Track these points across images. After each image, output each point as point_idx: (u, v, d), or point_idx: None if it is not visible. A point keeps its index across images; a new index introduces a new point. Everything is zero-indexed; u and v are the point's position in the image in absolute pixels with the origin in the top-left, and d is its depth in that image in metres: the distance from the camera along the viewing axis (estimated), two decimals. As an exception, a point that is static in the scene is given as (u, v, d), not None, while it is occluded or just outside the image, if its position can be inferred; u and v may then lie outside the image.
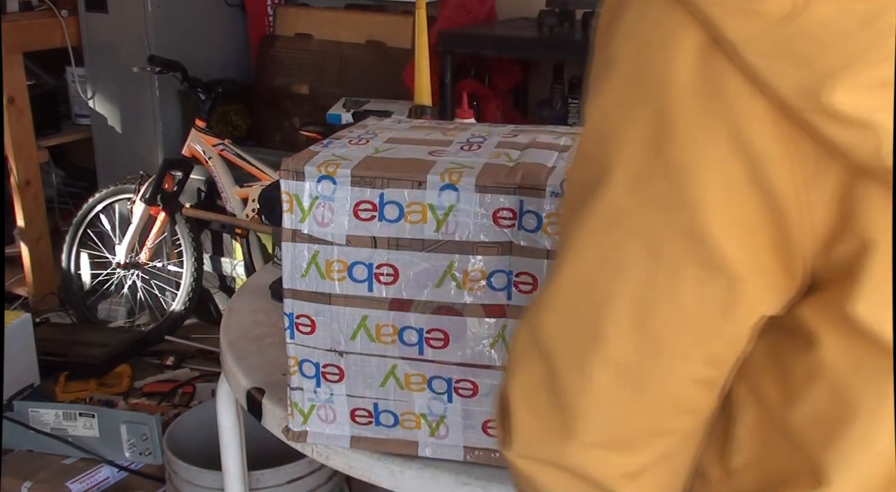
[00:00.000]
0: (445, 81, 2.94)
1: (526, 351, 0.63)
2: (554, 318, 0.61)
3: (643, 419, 0.61)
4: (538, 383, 0.62)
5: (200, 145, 3.35)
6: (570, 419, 0.61)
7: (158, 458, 2.41)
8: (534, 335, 0.62)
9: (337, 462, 1.16)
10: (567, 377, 0.61)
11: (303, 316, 1.09)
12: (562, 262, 0.61)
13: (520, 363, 0.63)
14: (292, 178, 1.06)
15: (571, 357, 0.60)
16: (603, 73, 0.59)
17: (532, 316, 0.63)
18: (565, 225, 0.62)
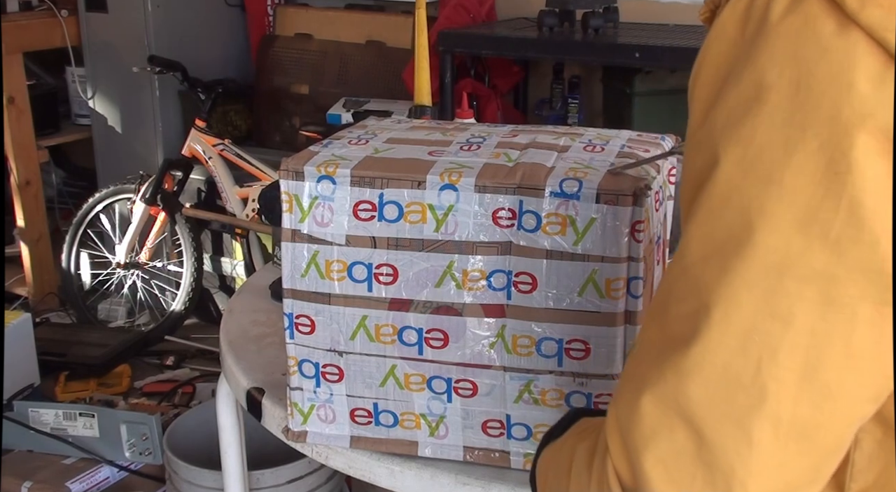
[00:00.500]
0: (445, 81, 2.94)
1: (663, 422, 0.58)
2: (701, 383, 0.57)
3: (805, 470, 0.58)
4: (684, 454, 0.57)
5: (200, 145, 3.35)
6: (728, 486, 0.57)
7: (158, 458, 2.41)
8: (674, 404, 0.58)
9: (337, 462, 1.17)
10: (722, 443, 0.56)
11: (302, 316, 1.09)
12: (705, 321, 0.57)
13: (655, 437, 0.58)
14: (292, 178, 1.06)
15: (727, 421, 0.56)
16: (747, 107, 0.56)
17: (666, 385, 0.58)
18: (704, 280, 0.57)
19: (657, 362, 0.59)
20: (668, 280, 0.62)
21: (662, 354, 0.59)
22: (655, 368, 0.59)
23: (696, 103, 0.61)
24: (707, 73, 0.60)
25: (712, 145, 0.58)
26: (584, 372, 1.04)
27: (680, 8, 3.09)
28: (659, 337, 0.60)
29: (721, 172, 0.57)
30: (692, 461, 0.57)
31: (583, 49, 2.85)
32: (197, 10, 3.74)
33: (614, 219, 0.98)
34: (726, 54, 0.59)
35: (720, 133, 0.57)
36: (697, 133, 0.60)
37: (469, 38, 3.00)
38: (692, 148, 0.61)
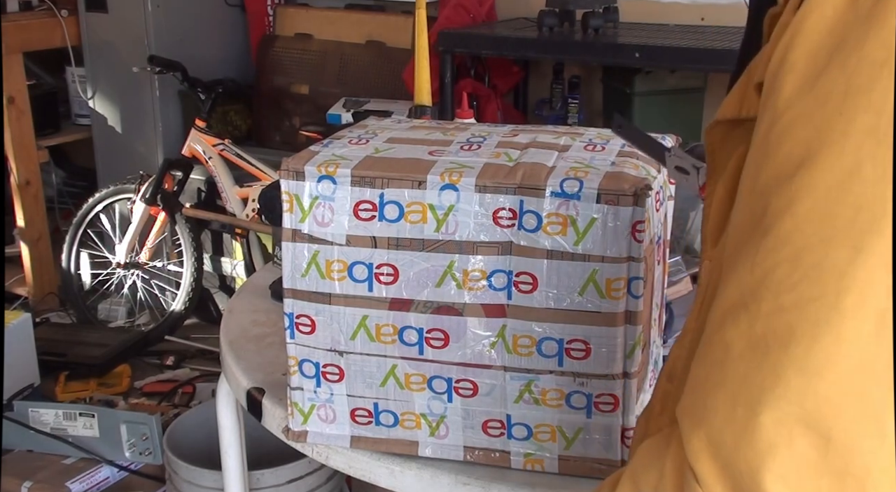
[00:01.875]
0: (445, 81, 2.94)
1: (781, 433, 0.52)
2: (834, 380, 0.51)
3: None
4: (807, 465, 0.52)
5: (200, 145, 3.35)
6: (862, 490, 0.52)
7: (158, 458, 2.41)
8: (798, 410, 0.52)
9: (337, 462, 1.17)
10: (855, 444, 0.51)
11: (303, 316, 1.09)
12: (836, 310, 0.52)
13: (773, 451, 0.52)
14: (292, 178, 1.06)
15: (862, 419, 0.51)
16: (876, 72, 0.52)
17: (791, 389, 0.52)
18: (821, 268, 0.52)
19: (764, 366, 0.53)
20: (753, 273, 0.55)
21: (769, 356, 0.53)
22: (766, 373, 0.53)
23: (790, 76, 0.56)
24: (807, 44, 0.56)
25: (826, 116, 0.53)
26: (585, 372, 1.04)
27: (680, 8, 3.09)
28: (755, 338, 0.54)
29: (845, 144, 0.52)
30: (817, 472, 0.52)
31: (583, 49, 2.85)
32: (197, 10, 3.74)
33: (615, 219, 0.98)
34: (833, 22, 0.55)
35: (840, 101, 0.53)
36: (797, 107, 0.55)
37: (469, 38, 3.00)
38: (784, 127, 0.55)
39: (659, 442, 0.62)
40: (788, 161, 0.54)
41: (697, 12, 3.04)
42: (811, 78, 0.55)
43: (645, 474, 0.61)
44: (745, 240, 0.57)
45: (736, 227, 0.59)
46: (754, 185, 0.57)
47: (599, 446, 1.07)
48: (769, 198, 0.55)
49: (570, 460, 1.08)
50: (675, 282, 1.39)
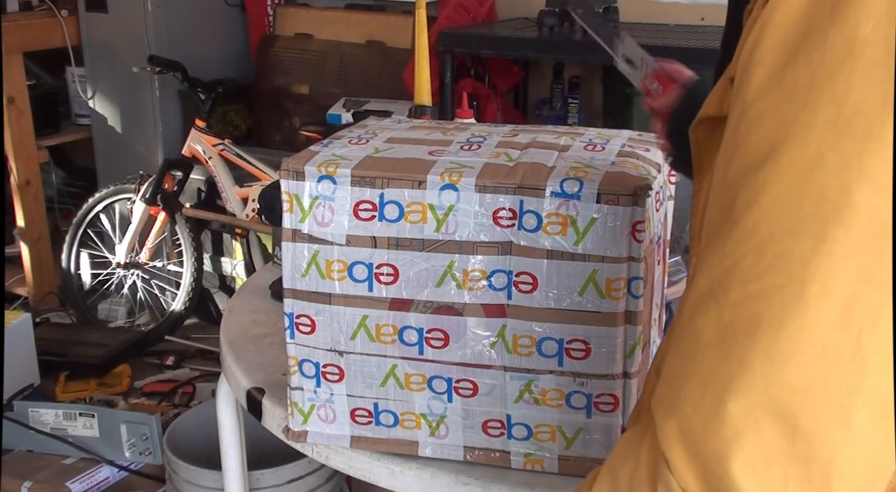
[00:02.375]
0: (445, 81, 2.94)
1: (748, 422, 0.52)
2: (798, 367, 0.52)
3: (889, 454, 0.54)
4: (775, 453, 0.52)
5: (200, 145, 3.35)
6: (827, 478, 0.52)
7: (158, 458, 2.41)
8: (764, 398, 0.52)
9: (337, 462, 1.17)
10: (821, 431, 0.52)
11: (303, 316, 1.09)
12: (800, 298, 0.52)
13: (740, 439, 0.52)
14: (292, 178, 1.06)
15: (826, 406, 0.52)
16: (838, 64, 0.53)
17: (756, 377, 0.53)
18: (785, 258, 0.53)
19: (732, 355, 0.54)
20: (722, 264, 0.56)
21: (736, 345, 0.54)
22: (732, 361, 0.54)
23: (758, 69, 0.56)
24: (774, 38, 0.56)
25: (792, 108, 0.54)
26: (585, 372, 1.04)
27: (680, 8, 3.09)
28: (722, 327, 0.55)
29: (809, 136, 0.53)
30: (784, 459, 0.52)
31: (583, 49, 2.85)
32: (197, 10, 3.74)
33: (615, 219, 0.98)
34: (798, 16, 0.55)
35: (804, 94, 0.54)
36: (764, 100, 0.56)
37: (469, 38, 3.00)
38: (752, 119, 0.56)
39: (636, 434, 0.63)
40: (756, 153, 0.55)
41: (697, 12, 3.04)
42: (778, 71, 0.55)
43: (622, 465, 0.62)
44: (715, 232, 0.58)
45: (709, 219, 0.60)
46: (725, 177, 0.58)
47: (599, 446, 1.07)
48: (738, 190, 0.56)
49: (570, 460, 1.08)
50: (675, 282, 1.39)
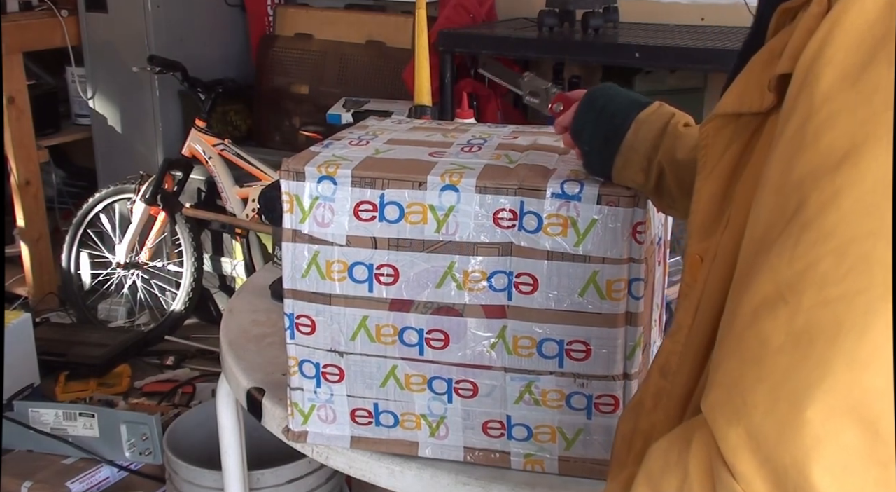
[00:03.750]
0: (445, 81, 2.94)
1: (829, 426, 0.52)
2: (881, 370, 0.51)
3: None
4: (855, 457, 0.52)
5: (200, 145, 3.35)
6: None
7: (158, 458, 2.41)
8: (846, 402, 0.52)
9: (337, 462, 1.17)
10: None
11: (303, 316, 1.10)
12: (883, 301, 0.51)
13: (820, 445, 0.52)
14: (293, 178, 1.06)
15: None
16: None
17: (839, 381, 0.52)
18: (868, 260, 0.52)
19: (809, 360, 0.53)
20: (792, 267, 0.55)
21: (814, 350, 0.53)
22: (810, 366, 0.53)
23: (828, 69, 0.56)
24: (848, 38, 0.56)
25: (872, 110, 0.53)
26: (585, 373, 1.04)
27: (680, 8, 3.09)
28: (796, 332, 0.54)
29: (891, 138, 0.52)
30: (864, 463, 0.52)
31: (583, 49, 2.85)
32: (197, 10, 3.74)
33: (615, 220, 0.99)
34: (875, 18, 0.55)
35: (885, 95, 0.53)
36: (838, 100, 0.55)
37: (469, 38, 3.00)
38: (824, 120, 0.55)
39: (676, 443, 0.61)
40: (830, 154, 0.54)
41: (697, 12, 3.04)
42: (853, 72, 0.55)
43: (666, 478, 0.61)
44: (775, 234, 0.57)
45: (761, 221, 0.59)
46: (786, 179, 0.57)
47: (599, 446, 1.07)
48: (808, 192, 0.55)
49: (570, 461, 1.08)
50: (676, 282, 1.39)
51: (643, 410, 0.76)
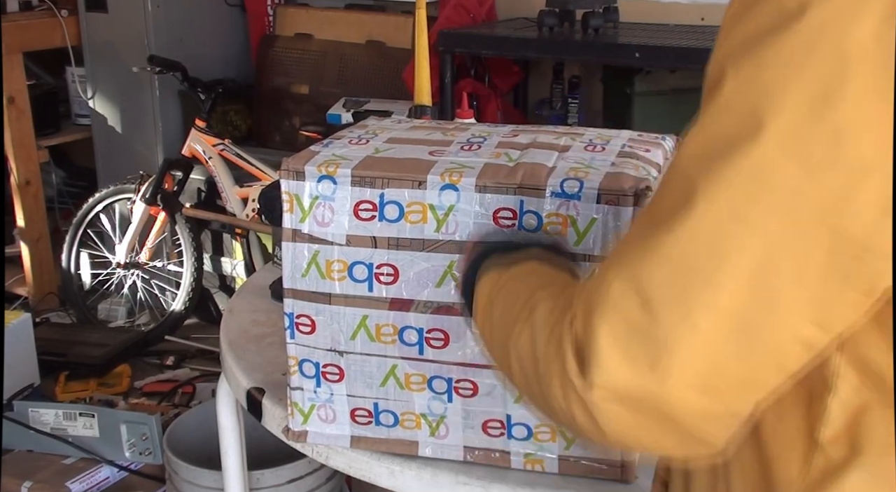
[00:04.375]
0: (445, 81, 2.94)
1: (622, 296, 0.63)
2: (663, 267, 0.62)
3: (741, 369, 0.62)
4: (632, 327, 0.63)
5: (200, 145, 3.35)
6: (659, 358, 0.62)
7: (158, 458, 2.41)
8: (635, 283, 0.63)
9: (337, 462, 1.17)
10: (668, 321, 0.62)
11: (303, 316, 1.09)
12: (683, 212, 0.62)
13: (613, 306, 0.64)
14: (292, 178, 1.06)
15: (677, 303, 0.61)
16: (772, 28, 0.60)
17: (633, 264, 0.64)
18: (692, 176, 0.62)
19: (633, 245, 0.65)
20: (664, 178, 0.67)
21: (640, 240, 0.65)
22: (631, 249, 0.65)
23: (720, 31, 0.65)
24: (734, 5, 0.65)
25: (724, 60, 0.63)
26: (585, 372, 1.04)
27: (680, 8, 3.09)
28: (644, 226, 0.65)
29: (728, 82, 0.62)
30: (641, 335, 0.62)
31: (583, 49, 2.85)
32: (197, 10, 3.74)
33: (615, 219, 0.98)
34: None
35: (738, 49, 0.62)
36: (716, 53, 0.65)
37: (469, 38, 3.00)
38: (709, 67, 0.66)
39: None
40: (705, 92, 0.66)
41: (697, 12, 3.04)
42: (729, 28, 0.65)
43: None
44: None
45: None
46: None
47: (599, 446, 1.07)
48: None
49: (570, 461, 1.08)
50: (676, 282, 1.39)
51: None
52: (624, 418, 0.65)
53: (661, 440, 0.66)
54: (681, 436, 0.65)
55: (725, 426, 0.65)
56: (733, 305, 0.60)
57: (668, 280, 0.62)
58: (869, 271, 0.60)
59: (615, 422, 0.65)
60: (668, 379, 0.62)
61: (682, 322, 0.61)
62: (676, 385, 0.62)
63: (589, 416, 0.66)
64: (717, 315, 0.61)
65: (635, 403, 0.64)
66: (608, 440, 0.68)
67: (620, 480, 1.08)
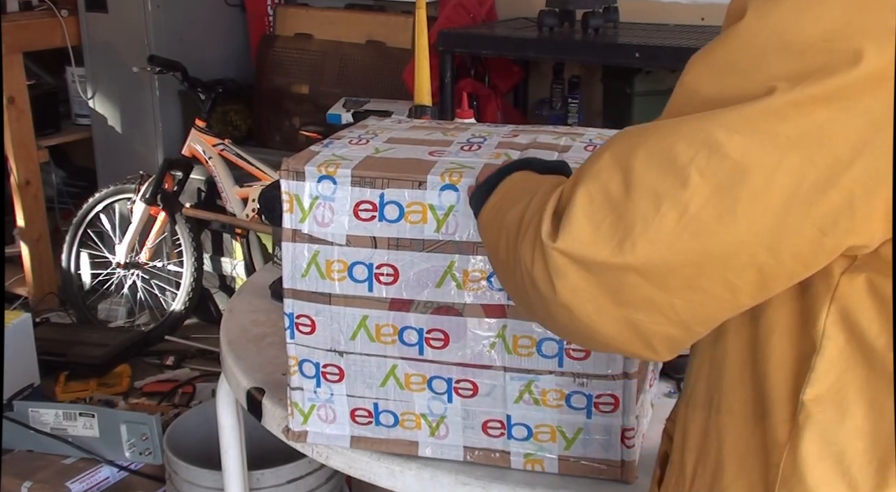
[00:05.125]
0: (445, 81, 2.94)
1: (610, 168, 0.67)
2: (652, 155, 0.65)
3: (687, 268, 0.65)
4: (608, 200, 0.67)
5: (200, 145, 3.35)
6: (622, 237, 0.65)
7: (158, 458, 2.41)
8: (624, 161, 0.67)
9: (337, 462, 1.17)
10: (641, 208, 0.65)
11: (303, 316, 1.10)
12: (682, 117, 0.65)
13: (598, 174, 0.68)
14: (292, 178, 1.06)
15: (653, 192, 0.65)
16: None
17: (628, 144, 0.67)
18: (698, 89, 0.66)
19: (634, 132, 0.69)
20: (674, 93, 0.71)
21: (641, 130, 0.69)
22: (630, 134, 0.69)
23: None
24: None
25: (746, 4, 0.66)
26: (585, 372, 1.04)
27: (680, 8, 3.09)
28: (648, 124, 0.69)
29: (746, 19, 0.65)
30: (612, 210, 0.66)
31: (583, 49, 2.85)
32: (197, 10, 3.74)
33: (615, 219, 0.98)
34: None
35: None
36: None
37: (469, 38, 3.00)
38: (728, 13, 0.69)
39: None
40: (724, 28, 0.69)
41: (697, 12, 3.04)
42: None
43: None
44: None
45: None
46: None
47: (599, 446, 1.07)
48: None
49: (569, 461, 1.08)
50: (675, 282, 1.39)
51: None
52: (576, 282, 0.68)
53: (605, 319, 0.69)
54: (624, 322, 0.68)
55: (668, 332, 0.68)
56: (696, 204, 0.63)
57: (653, 167, 0.65)
58: (832, 210, 0.61)
59: (568, 283, 0.68)
60: (625, 259, 0.65)
61: (653, 212, 0.64)
62: (630, 266, 0.65)
63: (546, 274, 0.69)
64: (681, 211, 0.64)
65: (590, 268, 0.67)
66: (559, 304, 0.70)
67: (620, 480, 1.08)
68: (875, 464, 0.67)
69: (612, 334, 0.70)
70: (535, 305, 0.74)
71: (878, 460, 0.67)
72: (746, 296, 0.66)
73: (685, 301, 0.66)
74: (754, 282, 0.65)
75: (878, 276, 0.65)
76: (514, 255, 0.74)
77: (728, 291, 0.65)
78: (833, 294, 0.67)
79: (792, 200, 0.62)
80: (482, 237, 0.88)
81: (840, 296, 0.67)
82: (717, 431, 0.76)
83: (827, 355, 0.68)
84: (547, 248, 0.69)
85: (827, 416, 0.68)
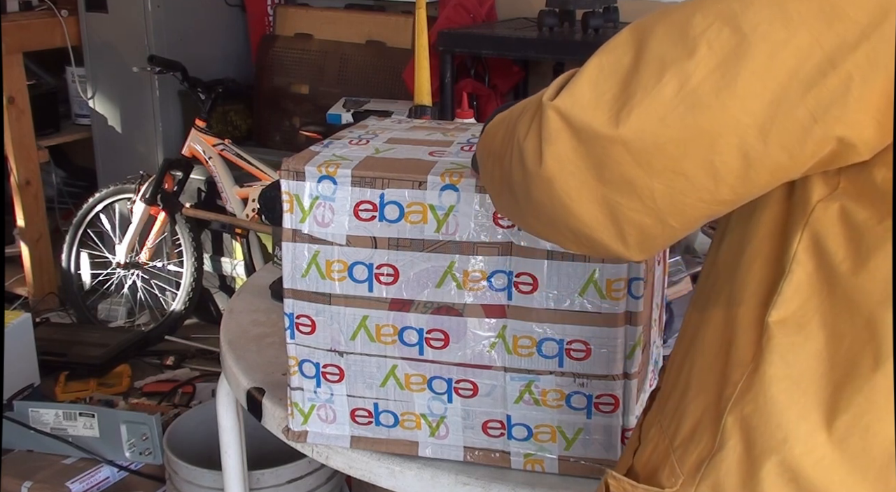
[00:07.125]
0: (445, 81, 2.94)
1: (626, 44, 0.68)
2: (670, 26, 0.66)
3: (675, 144, 0.65)
4: (616, 71, 0.67)
5: (200, 145, 3.35)
6: (622, 109, 0.65)
7: (158, 458, 2.41)
8: (640, 34, 0.67)
9: (337, 462, 1.17)
10: (645, 78, 0.65)
11: (303, 316, 1.10)
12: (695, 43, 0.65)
13: (614, 49, 0.68)
14: (293, 178, 1.06)
15: (658, 59, 0.65)
16: None
17: (647, 22, 0.68)
18: None
19: (663, 9, 0.68)
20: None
21: (669, 7, 0.68)
22: (658, 12, 0.68)
23: None
24: None
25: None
26: (585, 373, 1.04)
27: (680, 8, 3.09)
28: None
29: None
30: (618, 81, 0.66)
31: (583, 49, 2.85)
32: (197, 10, 3.74)
33: (615, 219, 0.98)
34: None
35: None
36: None
37: (469, 38, 3.00)
38: None
39: None
40: None
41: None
42: None
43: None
44: None
45: None
46: None
47: (599, 446, 1.07)
48: None
49: (570, 461, 1.08)
50: (676, 282, 1.39)
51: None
52: (564, 151, 0.68)
53: (584, 197, 0.68)
54: (601, 203, 0.68)
55: (643, 221, 0.68)
56: (697, 76, 0.63)
57: (667, 38, 0.65)
58: (827, 94, 0.61)
59: (556, 151, 0.68)
60: (617, 131, 0.65)
61: (655, 82, 0.64)
62: (620, 139, 0.65)
63: (537, 142, 0.69)
64: (682, 81, 0.64)
65: (580, 135, 0.67)
66: (542, 177, 0.69)
67: (620, 480, 1.08)
68: (830, 389, 0.68)
69: (586, 217, 0.69)
70: (516, 187, 0.73)
71: (834, 385, 0.68)
72: (726, 187, 0.66)
73: (665, 186, 0.66)
74: (737, 169, 0.65)
75: (852, 202, 0.66)
76: (510, 134, 0.74)
77: (710, 177, 0.65)
78: (807, 220, 0.68)
79: (791, 81, 0.62)
80: (480, 144, 0.86)
81: (813, 221, 0.68)
82: (691, 357, 0.78)
83: (795, 280, 0.69)
84: (545, 107, 0.68)
85: (790, 338, 0.69)
